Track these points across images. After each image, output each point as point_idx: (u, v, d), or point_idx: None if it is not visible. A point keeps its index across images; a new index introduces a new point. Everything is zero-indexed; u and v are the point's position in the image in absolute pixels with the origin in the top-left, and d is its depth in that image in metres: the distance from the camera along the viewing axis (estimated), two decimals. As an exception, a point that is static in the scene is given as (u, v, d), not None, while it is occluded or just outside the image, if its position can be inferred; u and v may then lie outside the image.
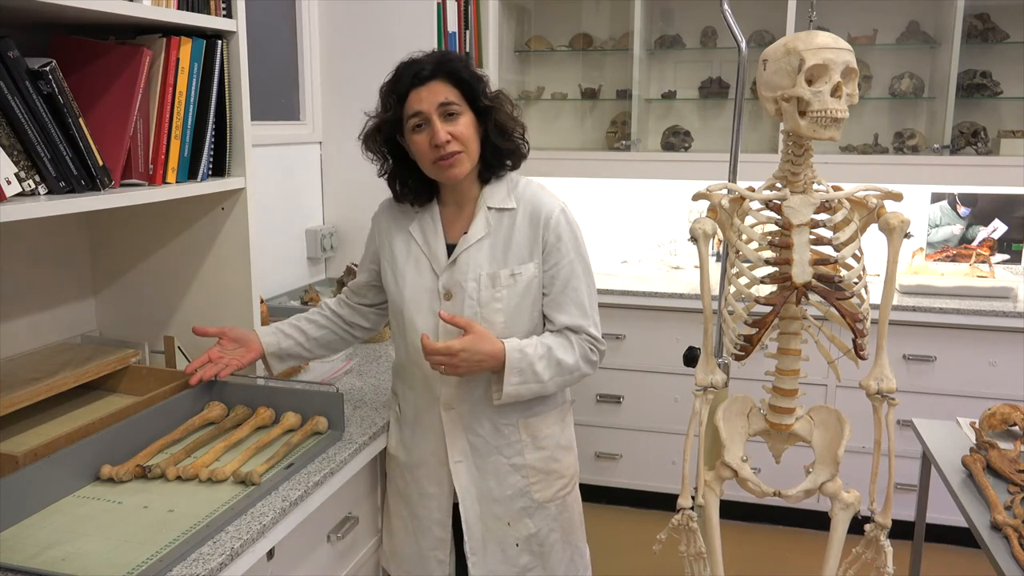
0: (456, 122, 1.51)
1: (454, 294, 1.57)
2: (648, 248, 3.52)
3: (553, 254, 1.57)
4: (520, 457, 1.62)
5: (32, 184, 1.31)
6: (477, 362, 1.49)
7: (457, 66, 1.53)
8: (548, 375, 1.54)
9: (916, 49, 3.25)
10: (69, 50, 1.48)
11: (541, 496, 1.64)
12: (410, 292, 1.61)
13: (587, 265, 1.61)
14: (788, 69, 1.33)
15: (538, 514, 1.64)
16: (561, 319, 1.58)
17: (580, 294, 1.58)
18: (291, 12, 2.78)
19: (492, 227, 1.58)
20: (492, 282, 1.56)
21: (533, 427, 1.63)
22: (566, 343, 1.57)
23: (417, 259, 1.62)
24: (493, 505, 1.62)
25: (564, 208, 1.60)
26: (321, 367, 2.10)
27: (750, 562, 2.88)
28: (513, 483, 1.62)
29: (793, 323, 1.46)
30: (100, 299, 1.91)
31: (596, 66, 3.63)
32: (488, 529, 1.63)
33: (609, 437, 3.21)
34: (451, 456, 1.61)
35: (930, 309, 2.77)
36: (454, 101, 1.51)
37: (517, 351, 1.51)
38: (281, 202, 2.70)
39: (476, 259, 1.56)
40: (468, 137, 1.52)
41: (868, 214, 1.43)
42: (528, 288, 1.57)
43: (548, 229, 1.56)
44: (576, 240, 1.59)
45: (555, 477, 1.65)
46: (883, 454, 1.47)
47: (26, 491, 1.30)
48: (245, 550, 1.27)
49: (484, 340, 1.49)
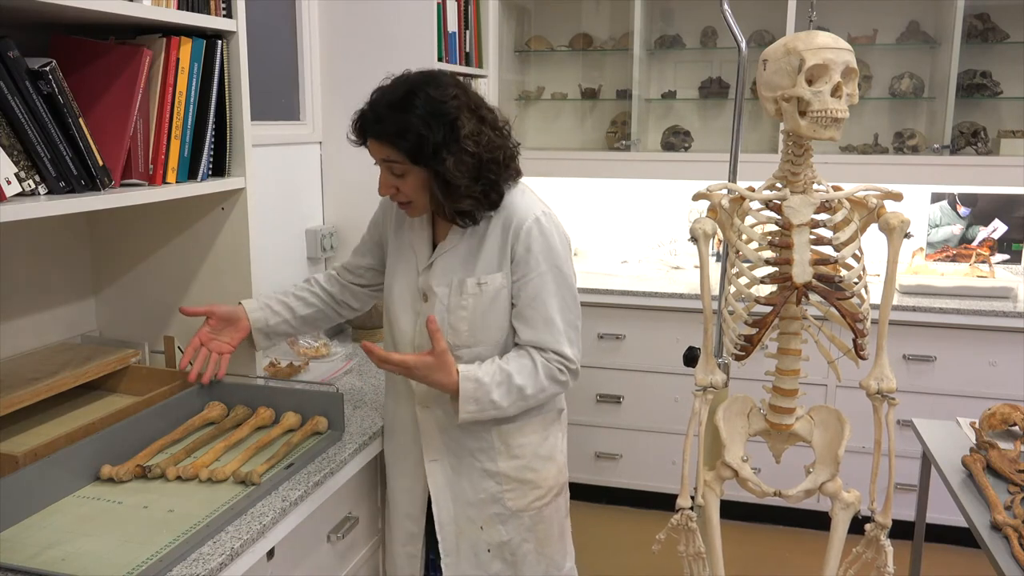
0: (400, 178, 1.47)
1: (429, 297, 1.56)
2: (648, 248, 3.52)
3: (521, 266, 1.50)
4: (493, 464, 1.58)
5: (32, 184, 1.31)
6: (430, 383, 1.48)
7: (380, 130, 1.44)
8: (507, 402, 1.50)
9: (916, 49, 3.25)
10: (69, 50, 1.48)
11: (514, 505, 1.59)
12: (398, 289, 1.61)
13: (563, 277, 1.52)
14: (788, 69, 1.33)
15: (511, 522, 1.60)
16: (525, 335, 1.52)
17: (548, 309, 1.50)
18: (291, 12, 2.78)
19: (466, 235, 1.54)
20: (460, 289, 1.52)
21: (507, 435, 1.58)
22: (529, 366, 1.50)
23: (407, 257, 1.61)
24: (467, 507, 1.60)
25: (540, 217, 1.51)
26: (321, 367, 2.10)
27: (750, 562, 2.88)
28: (486, 488, 1.59)
29: (793, 323, 1.46)
30: (100, 299, 1.91)
31: (596, 66, 3.63)
32: (461, 531, 1.61)
33: (609, 437, 3.21)
34: (426, 454, 1.60)
35: (930, 309, 2.77)
36: (395, 160, 1.45)
37: (472, 381, 1.47)
38: (281, 202, 2.70)
39: (450, 264, 1.54)
40: (411, 190, 1.48)
41: (868, 214, 1.43)
42: (496, 298, 1.52)
43: (517, 240, 1.50)
44: (550, 251, 1.50)
45: (530, 487, 1.60)
46: (883, 454, 1.47)
47: (26, 491, 1.30)
48: (245, 550, 1.27)
49: (441, 369, 1.45)
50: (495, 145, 1.48)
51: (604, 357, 3.13)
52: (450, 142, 1.42)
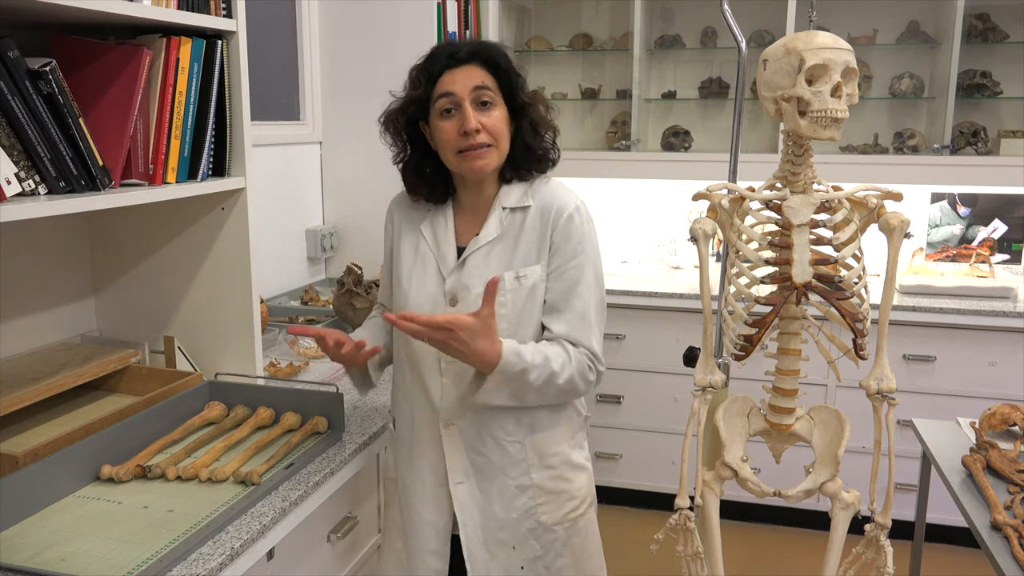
0: (489, 112, 1.41)
1: (460, 299, 1.44)
2: (648, 248, 3.52)
3: (558, 255, 1.44)
4: (526, 477, 1.48)
5: (32, 184, 1.31)
6: (469, 351, 1.33)
7: (496, 54, 1.43)
8: (537, 385, 1.39)
9: (916, 49, 3.25)
10: (69, 50, 1.48)
11: (548, 518, 1.50)
12: (415, 296, 1.48)
13: (599, 274, 1.48)
14: (788, 69, 1.33)
15: (545, 536, 1.50)
16: (558, 328, 1.43)
17: (583, 303, 1.44)
18: (291, 12, 2.78)
19: (505, 228, 1.46)
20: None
21: (541, 444, 1.49)
22: (563, 355, 1.41)
23: (424, 260, 1.50)
24: (497, 531, 1.48)
25: (580, 207, 1.47)
26: (321, 367, 2.10)
27: (750, 562, 2.88)
28: (519, 505, 1.48)
29: (793, 323, 1.46)
30: (100, 299, 1.91)
31: (596, 66, 3.63)
32: (493, 556, 1.49)
33: (609, 437, 3.21)
34: (451, 477, 1.48)
35: (930, 309, 2.77)
36: (489, 88, 1.41)
37: (515, 355, 1.36)
38: (281, 202, 2.70)
39: (486, 262, 1.45)
40: (499, 131, 1.42)
41: (868, 214, 1.43)
42: (533, 292, 1.44)
43: (556, 227, 1.44)
44: (589, 243, 1.46)
45: (565, 498, 1.51)
46: (883, 454, 1.47)
47: (26, 491, 1.30)
48: (245, 550, 1.27)
49: (486, 335, 1.32)
50: (550, 123, 1.53)
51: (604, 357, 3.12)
52: (530, 93, 1.49)
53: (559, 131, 1.54)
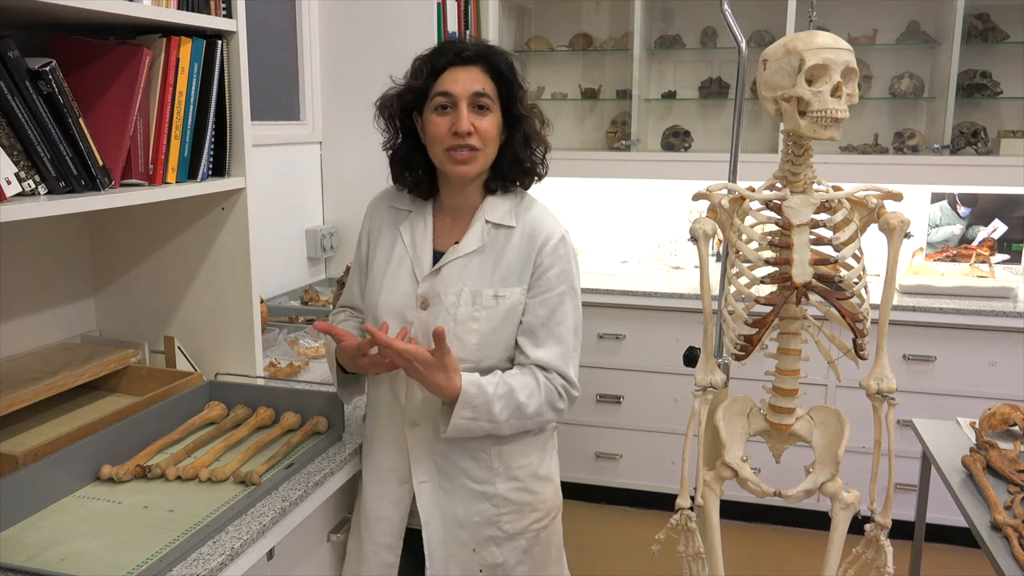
0: (483, 116, 1.41)
1: (431, 304, 1.45)
2: (648, 248, 3.52)
3: (542, 281, 1.45)
4: (491, 485, 1.48)
5: (32, 184, 1.31)
6: (427, 382, 1.37)
7: (501, 61, 1.44)
8: (504, 417, 1.40)
9: (916, 49, 3.25)
10: (69, 50, 1.48)
11: (511, 528, 1.50)
12: (385, 295, 1.49)
13: (578, 302, 1.49)
14: (788, 69, 1.33)
15: (506, 544, 1.50)
16: (536, 354, 1.44)
17: (564, 330, 1.45)
18: (291, 12, 2.78)
19: (486, 242, 1.46)
20: (473, 300, 1.43)
21: (507, 455, 1.49)
22: (532, 385, 1.43)
23: (400, 261, 1.50)
24: (458, 530, 1.49)
25: (566, 236, 1.48)
26: (321, 367, 2.10)
27: (750, 562, 2.88)
28: (481, 510, 1.49)
29: (793, 323, 1.46)
30: (100, 299, 1.91)
31: (596, 66, 3.63)
32: (451, 554, 1.50)
33: (609, 437, 3.21)
34: (415, 475, 1.49)
35: (930, 309, 2.77)
36: (488, 95, 1.42)
37: (475, 386, 1.38)
38: (281, 202, 2.70)
39: (462, 272, 1.44)
40: (490, 136, 1.42)
41: (868, 214, 1.43)
42: (509, 314, 1.44)
43: (542, 254, 1.45)
44: (572, 273, 1.48)
45: (529, 510, 1.52)
46: (883, 454, 1.47)
47: (26, 491, 1.30)
48: (245, 550, 1.27)
49: (442, 370, 1.34)
50: (542, 139, 1.53)
51: (604, 357, 3.13)
52: (527, 106, 1.49)
53: (550, 147, 1.53)
